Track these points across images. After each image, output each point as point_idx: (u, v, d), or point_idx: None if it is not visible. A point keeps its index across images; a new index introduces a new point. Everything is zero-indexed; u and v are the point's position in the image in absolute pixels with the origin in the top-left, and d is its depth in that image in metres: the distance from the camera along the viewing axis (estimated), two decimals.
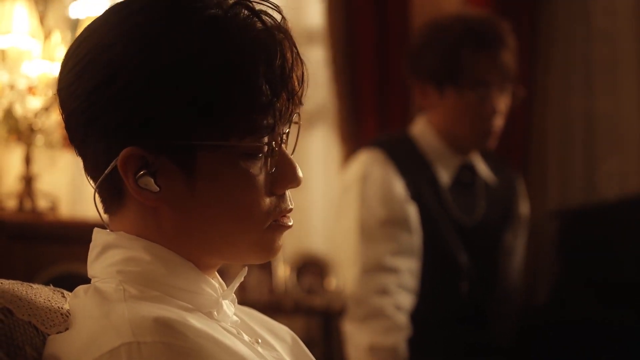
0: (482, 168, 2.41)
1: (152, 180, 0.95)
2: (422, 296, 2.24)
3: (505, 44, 2.29)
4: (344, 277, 2.32)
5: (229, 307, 1.03)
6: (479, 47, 2.26)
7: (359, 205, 2.26)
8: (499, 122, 2.31)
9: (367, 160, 2.31)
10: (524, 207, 2.51)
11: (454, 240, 2.28)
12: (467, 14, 2.45)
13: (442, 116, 2.32)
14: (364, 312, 2.20)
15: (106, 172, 0.96)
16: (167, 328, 0.88)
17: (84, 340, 0.90)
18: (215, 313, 1.00)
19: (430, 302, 2.25)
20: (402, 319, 2.18)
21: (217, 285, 1.01)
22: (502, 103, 2.31)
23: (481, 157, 2.42)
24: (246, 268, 1.03)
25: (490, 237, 2.37)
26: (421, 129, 2.37)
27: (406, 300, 2.20)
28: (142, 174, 0.94)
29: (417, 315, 2.22)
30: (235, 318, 1.04)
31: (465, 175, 2.36)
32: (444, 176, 2.32)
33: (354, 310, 2.23)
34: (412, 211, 2.25)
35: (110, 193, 0.99)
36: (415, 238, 2.24)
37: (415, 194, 2.26)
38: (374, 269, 2.21)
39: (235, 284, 1.03)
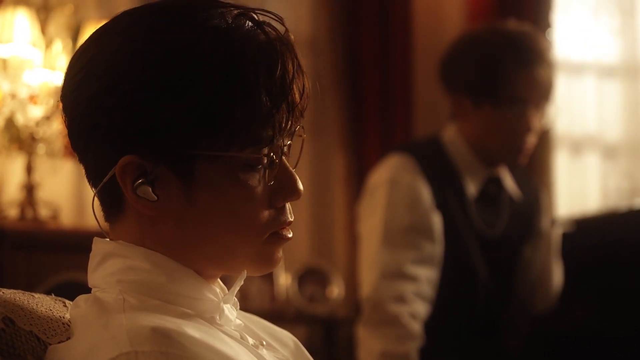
0: (509, 182, 2.38)
1: (150, 189, 0.94)
2: (438, 306, 2.22)
3: (546, 60, 2.25)
4: (361, 279, 2.30)
5: (231, 312, 1.02)
6: (520, 63, 2.22)
7: (384, 208, 2.24)
8: (532, 139, 2.28)
9: (396, 164, 2.28)
10: (545, 222, 2.49)
11: (475, 253, 2.27)
12: (507, 26, 2.39)
13: (475, 128, 2.29)
14: (379, 317, 2.18)
15: (105, 179, 0.96)
16: (164, 337, 0.88)
17: (83, 351, 0.91)
18: (217, 318, 0.99)
19: (446, 312, 2.23)
20: (417, 328, 2.17)
21: (218, 290, 1.01)
22: (537, 120, 2.27)
23: (508, 169, 2.40)
24: (245, 271, 1.03)
25: (509, 250, 2.34)
26: (452, 136, 2.33)
27: (422, 309, 2.19)
28: (140, 183, 0.94)
29: (431, 325, 2.20)
30: (238, 321, 1.03)
31: (492, 188, 2.33)
32: (471, 187, 2.30)
33: (369, 314, 2.21)
34: (437, 220, 2.23)
35: (110, 201, 0.99)
36: (437, 247, 2.22)
37: (441, 203, 2.24)
38: (393, 275, 2.19)
39: (236, 288, 1.02)
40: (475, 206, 2.29)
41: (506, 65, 2.23)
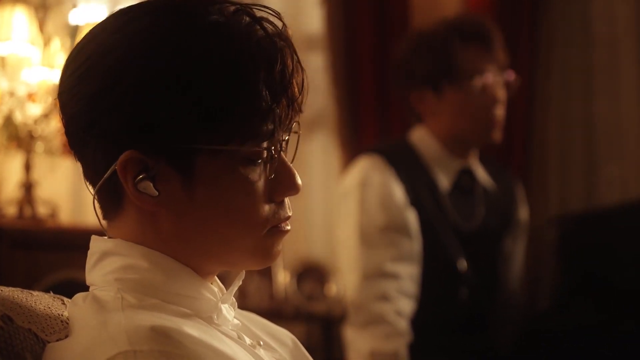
0: (481, 173, 2.40)
1: (151, 184, 0.94)
2: (422, 302, 2.24)
3: (491, 34, 2.31)
4: (344, 283, 2.32)
5: (229, 311, 1.02)
6: (467, 39, 2.28)
7: (358, 211, 2.26)
8: (500, 111, 2.31)
9: (366, 166, 2.30)
10: (523, 213, 2.51)
11: (454, 246, 2.28)
12: (449, 17, 2.49)
13: (443, 119, 2.31)
14: (365, 318, 2.19)
15: (105, 176, 0.96)
16: (163, 336, 0.88)
17: (81, 350, 0.91)
18: (215, 317, 0.99)
19: (430, 308, 2.25)
20: (403, 324, 2.18)
21: (216, 289, 1.01)
22: (501, 91, 2.31)
23: (480, 162, 2.42)
24: (244, 271, 1.03)
25: (489, 242, 2.36)
26: (420, 136, 2.37)
27: (406, 306, 2.20)
28: (142, 178, 0.94)
29: (417, 321, 2.22)
30: (236, 321, 1.03)
31: (465, 181, 2.36)
32: (444, 181, 2.32)
33: (355, 316, 2.23)
34: (412, 217, 2.24)
35: (110, 198, 0.99)
36: (415, 244, 2.23)
37: (415, 200, 2.26)
38: (374, 275, 2.20)
39: (234, 288, 1.03)
40: (450, 199, 2.31)
41: (454, 44, 2.27)
